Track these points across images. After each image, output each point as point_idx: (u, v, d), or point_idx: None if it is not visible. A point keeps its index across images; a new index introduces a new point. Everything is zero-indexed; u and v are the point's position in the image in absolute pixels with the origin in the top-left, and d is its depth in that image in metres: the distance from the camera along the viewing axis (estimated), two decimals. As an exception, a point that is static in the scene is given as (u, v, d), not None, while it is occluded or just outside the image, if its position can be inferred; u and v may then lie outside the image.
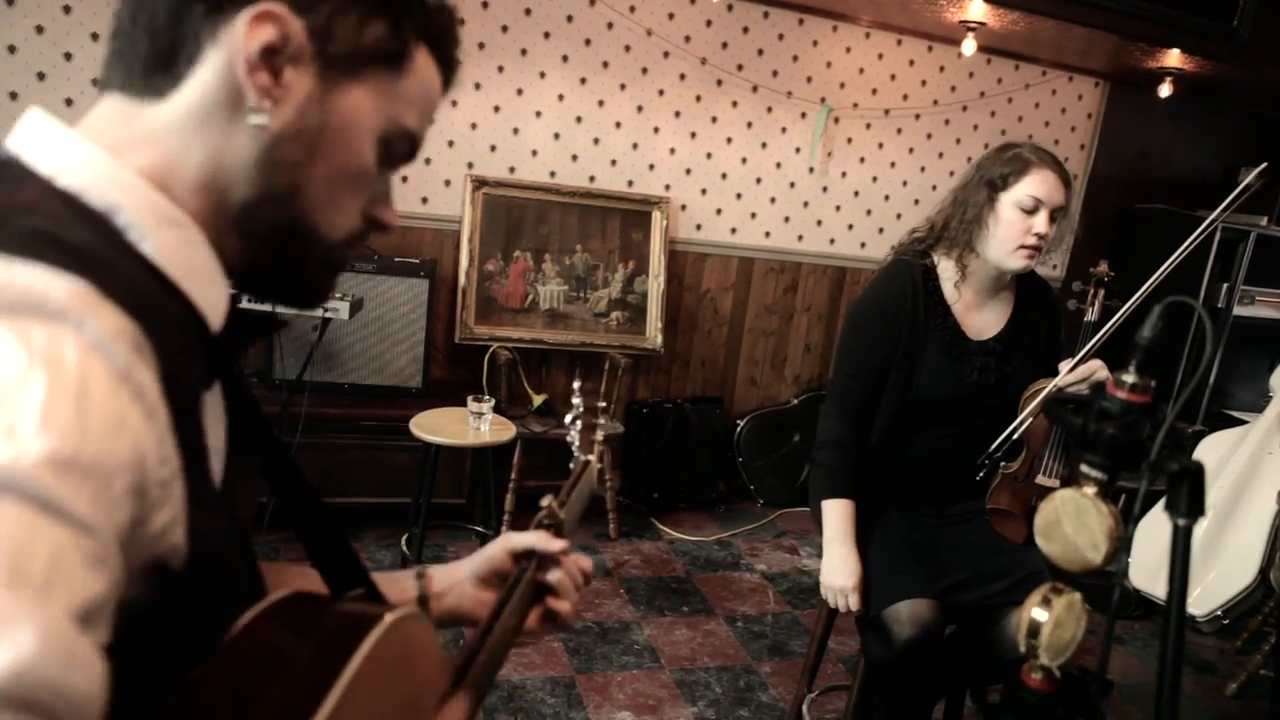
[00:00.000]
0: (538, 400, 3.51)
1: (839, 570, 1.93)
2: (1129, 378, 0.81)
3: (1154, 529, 3.51)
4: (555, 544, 0.97)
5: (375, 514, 3.30)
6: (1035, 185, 1.87)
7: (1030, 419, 1.91)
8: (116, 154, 0.62)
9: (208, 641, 0.59)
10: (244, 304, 0.72)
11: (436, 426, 2.70)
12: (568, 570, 0.98)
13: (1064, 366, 1.89)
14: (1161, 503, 0.79)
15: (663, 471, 3.87)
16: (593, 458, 1.20)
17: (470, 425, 2.74)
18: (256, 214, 0.66)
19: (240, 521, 0.71)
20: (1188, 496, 0.73)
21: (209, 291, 0.64)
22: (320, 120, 0.66)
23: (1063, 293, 2.14)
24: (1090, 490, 0.85)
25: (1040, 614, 0.88)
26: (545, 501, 1.04)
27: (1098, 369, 1.86)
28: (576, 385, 1.26)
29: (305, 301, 0.75)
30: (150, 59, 0.63)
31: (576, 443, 1.22)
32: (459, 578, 0.99)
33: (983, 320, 2.02)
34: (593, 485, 1.21)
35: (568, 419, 1.24)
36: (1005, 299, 2.04)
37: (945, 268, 2.01)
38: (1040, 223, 1.87)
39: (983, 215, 1.91)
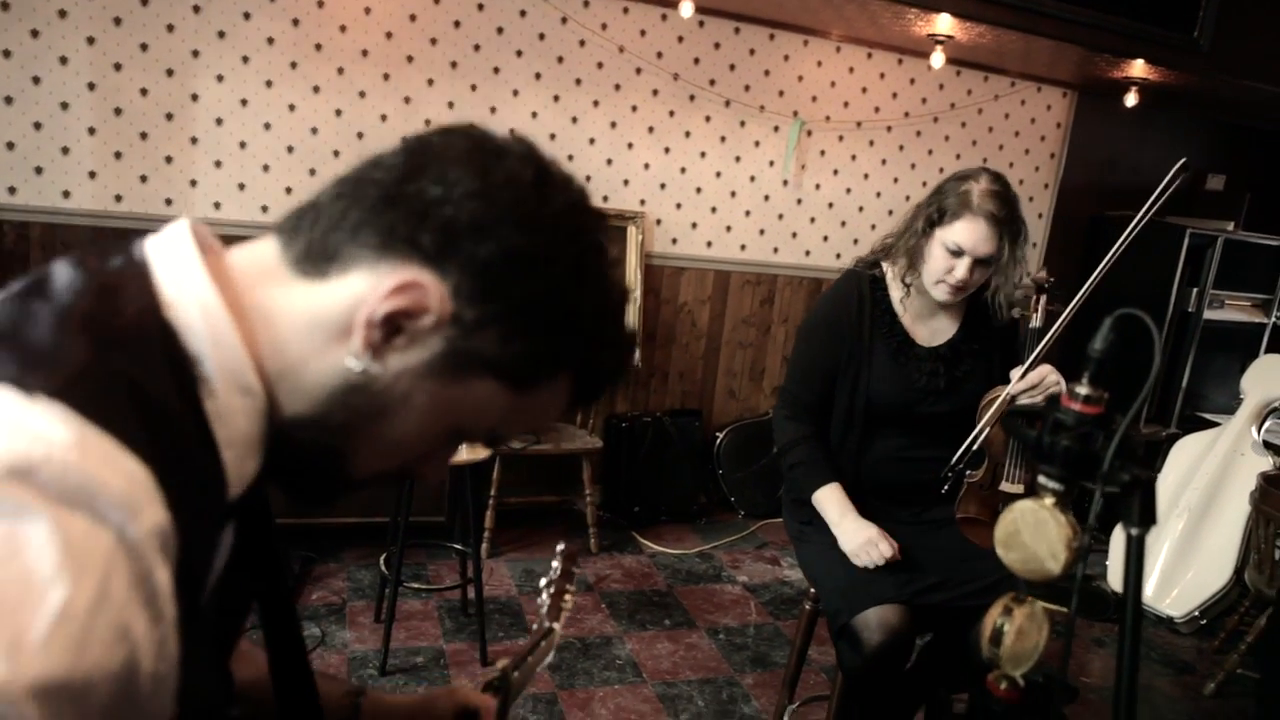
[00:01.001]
0: (516, 417, 3.51)
1: (856, 533, 1.95)
2: (1082, 390, 0.83)
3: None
4: (493, 705, 0.96)
5: (354, 533, 3.29)
6: (961, 233, 1.91)
7: (988, 428, 1.94)
8: (239, 300, 0.62)
9: None
10: None
11: (414, 445, 2.70)
12: None
13: (1015, 374, 1.92)
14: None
15: (643, 485, 3.87)
16: (558, 626, 1.19)
17: (448, 443, 2.73)
18: (300, 430, 0.65)
19: (225, 644, 0.72)
20: (1139, 506, 0.75)
21: (243, 464, 0.63)
22: (407, 393, 0.64)
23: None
24: (1048, 501, 0.86)
25: (1002, 623, 0.89)
26: (500, 664, 1.02)
27: (1047, 374, 1.91)
28: (560, 548, 1.24)
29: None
30: (316, 245, 0.63)
31: (546, 606, 1.20)
32: (394, 713, 0.97)
33: (931, 328, 2.08)
34: (552, 652, 1.19)
35: (542, 582, 1.22)
36: (956, 308, 2.08)
37: (893, 278, 2.07)
38: (960, 268, 1.93)
39: (920, 243, 1.98)
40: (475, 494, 2.88)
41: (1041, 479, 0.86)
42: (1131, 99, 4.10)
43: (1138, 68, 3.81)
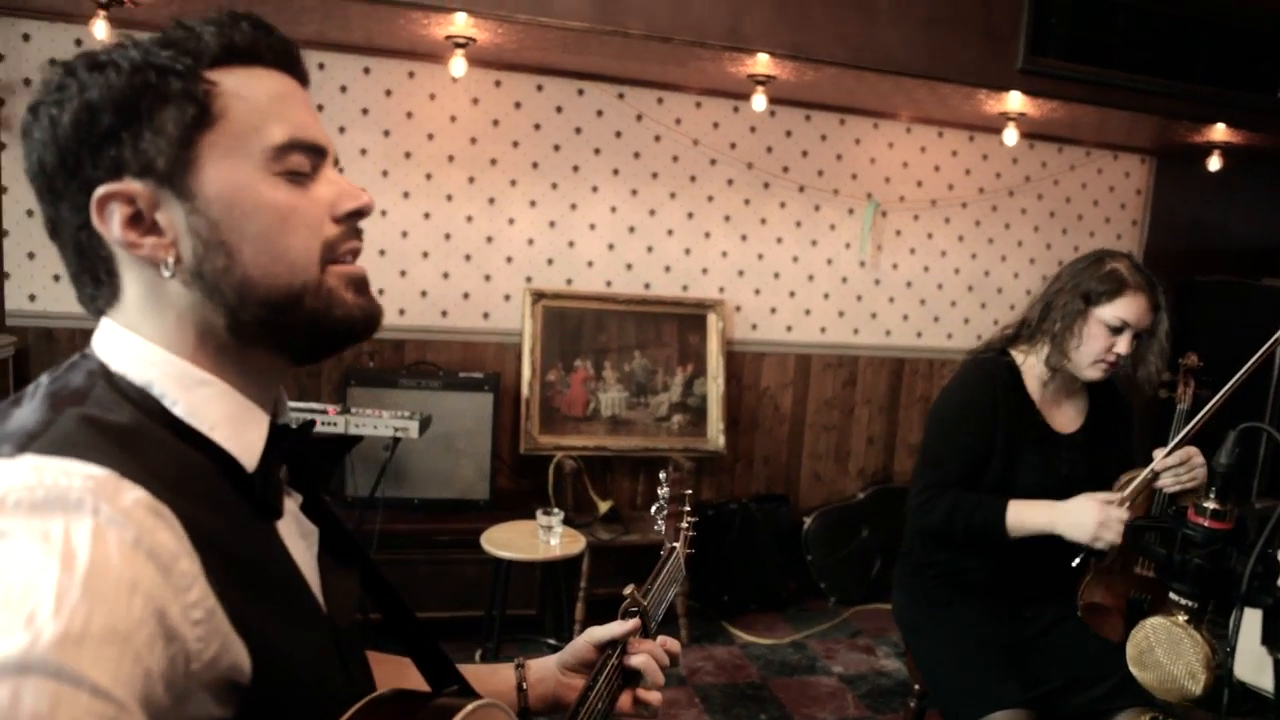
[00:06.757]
0: (604, 507, 3.53)
1: (1083, 511, 1.82)
2: (1210, 505, 0.82)
3: (1256, 616, 3.35)
4: (628, 628, 1.04)
5: (447, 628, 3.30)
6: (1126, 308, 1.90)
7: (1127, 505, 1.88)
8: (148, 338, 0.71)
9: None
10: (314, 430, 0.79)
11: (507, 541, 2.73)
12: (654, 654, 1.04)
13: (1159, 453, 1.88)
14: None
15: (732, 573, 3.82)
16: (679, 545, 1.23)
17: (540, 539, 2.76)
18: (245, 327, 0.71)
19: (337, 627, 0.77)
20: (1284, 630, 0.73)
21: (241, 435, 0.71)
22: (209, 221, 0.68)
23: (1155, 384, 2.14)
24: (1182, 618, 0.84)
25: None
26: (628, 590, 1.07)
27: (1194, 454, 1.87)
28: (663, 475, 1.29)
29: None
30: (89, 291, 0.72)
31: (663, 530, 1.26)
32: (550, 666, 1.08)
33: (1064, 415, 2.05)
34: (680, 572, 1.23)
35: (654, 509, 1.28)
36: (1082, 394, 2.08)
37: (1030, 364, 2.04)
38: (1122, 344, 1.92)
39: (1074, 325, 1.95)
40: (566, 586, 2.89)
41: (1173, 596, 0.85)
42: (1215, 162, 4.03)
43: (1219, 131, 3.76)
